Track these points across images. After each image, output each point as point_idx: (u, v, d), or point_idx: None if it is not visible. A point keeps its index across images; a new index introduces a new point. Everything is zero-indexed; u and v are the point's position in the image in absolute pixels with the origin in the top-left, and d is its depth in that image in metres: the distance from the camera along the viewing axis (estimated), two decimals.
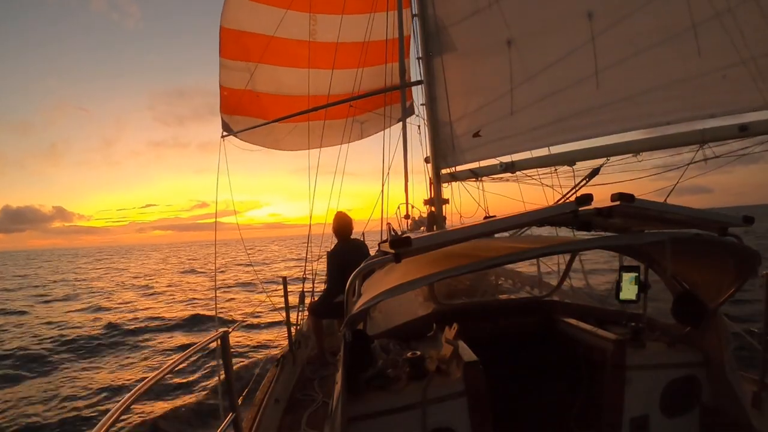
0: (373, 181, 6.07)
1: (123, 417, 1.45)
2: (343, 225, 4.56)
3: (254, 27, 6.51)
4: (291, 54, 6.83)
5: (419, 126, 7.50)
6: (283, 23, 6.47)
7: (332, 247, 4.65)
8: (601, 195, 1.70)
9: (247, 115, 6.78)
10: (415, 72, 5.99)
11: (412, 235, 1.67)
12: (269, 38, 6.53)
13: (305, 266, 5.87)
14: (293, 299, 5.00)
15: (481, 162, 5.04)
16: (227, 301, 16.84)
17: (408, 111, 7.08)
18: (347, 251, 4.35)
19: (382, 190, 5.98)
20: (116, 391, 7.62)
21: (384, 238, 4.65)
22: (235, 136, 6.71)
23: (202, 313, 14.29)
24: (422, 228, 7.12)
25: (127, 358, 9.92)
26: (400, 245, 1.55)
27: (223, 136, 6.56)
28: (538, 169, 4.60)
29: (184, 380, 7.60)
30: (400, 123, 6.86)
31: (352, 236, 4.62)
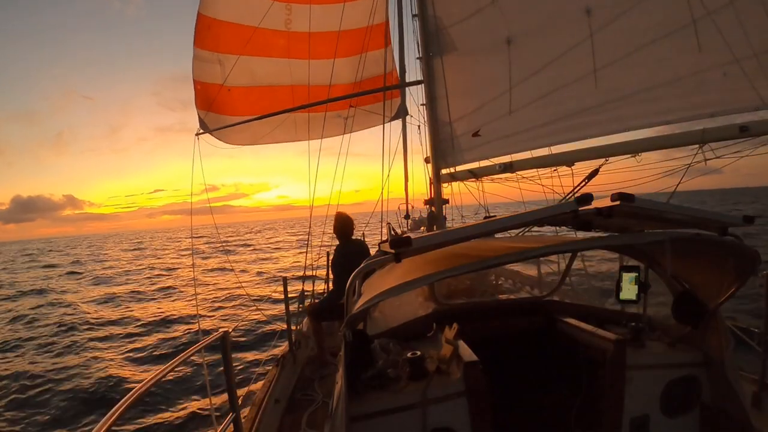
0: (377, 163, 6.01)
1: (123, 417, 1.45)
2: (344, 225, 4.57)
3: (227, 15, 6.41)
4: (266, 44, 6.69)
5: (419, 126, 7.49)
6: (256, 12, 6.35)
7: (334, 249, 4.66)
8: (602, 194, 1.70)
9: (221, 112, 6.68)
10: (415, 73, 5.99)
11: (412, 235, 1.67)
12: (244, 27, 6.42)
13: (305, 266, 5.86)
14: (293, 296, 5.00)
15: (480, 162, 5.04)
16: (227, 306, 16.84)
17: (401, 112, 7.05)
18: (348, 252, 4.36)
19: (382, 193, 5.98)
20: None
21: (384, 238, 4.65)
22: (211, 134, 6.63)
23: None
24: (422, 228, 7.13)
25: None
26: (400, 245, 1.55)
27: (197, 134, 6.46)
28: (538, 170, 4.60)
29: (185, 380, 7.59)
30: (393, 121, 6.84)
31: (354, 236, 4.64)
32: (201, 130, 6.54)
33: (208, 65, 6.49)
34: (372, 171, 5.99)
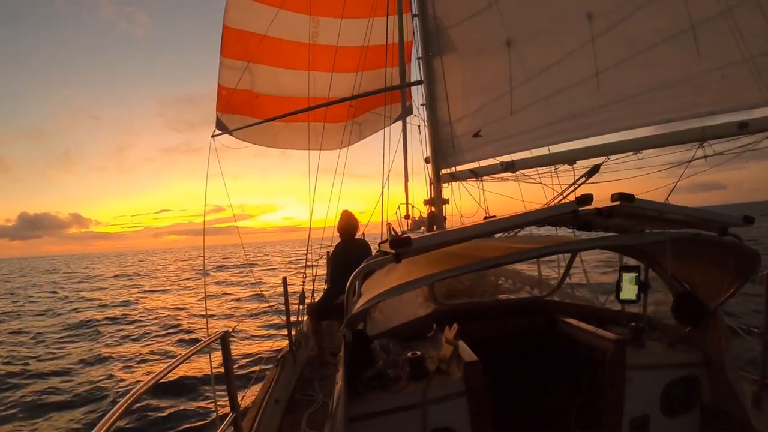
0: (377, 184, 6.10)
1: (123, 418, 1.45)
2: (347, 224, 4.55)
3: (256, 27, 6.50)
4: (292, 56, 6.82)
5: (419, 126, 7.50)
6: (284, 25, 6.46)
7: (334, 247, 4.65)
8: (602, 194, 1.70)
9: (245, 114, 6.75)
10: (415, 73, 6.01)
11: (412, 235, 1.67)
12: (270, 39, 6.52)
13: (305, 266, 5.87)
14: (293, 300, 5.00)
15: (481, 162, 5.04)
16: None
17: (407, 110, 7.08)
18: (349, 252, 4.34)
19: (383, 192, 5.99)
20: None
21: (384, 238, 4.65)
22: (230, 134, 6.69)
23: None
24: (422, 228, 7.12)
25: None
26: (400, 245, 1.55)
27: (213, 135, 6.50)
28: (538, 169, 4.60)
29: (184, 380, 7.59)
30: (399, 123, 6.87)
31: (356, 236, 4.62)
32: (217, 132, 6.58)
33: (236, 72, 6.55)
34: (374, 192, 6.06)
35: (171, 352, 10.11)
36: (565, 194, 4.20)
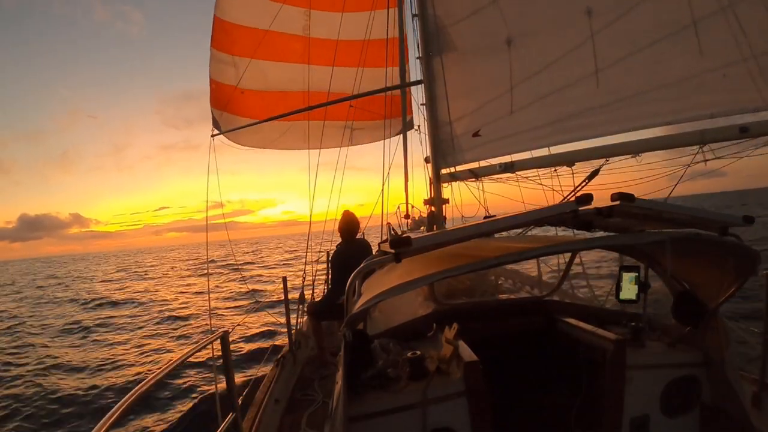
0: (377, 177, 6.08)
1: (123, 418, 1.45)
2: (348, 224, 4.54)
3: (246, 20, 6.43)
4: (283, 48, 6.72)
5: (419, 125, 7.50)
6: (275, 17, 6.37)
7: (335, 247, 4.64)
8: (602, 194, 1.70)
9: (234, 113, 6.72)
10: (416, 74, 6.00)
11: (412, 235, 1.67)
12: (260, 32, 6.42)
13: (305, 266, 5.87)
14: (293, 298, 5.00)
15: (481, 162, 5.04)
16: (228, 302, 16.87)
17: (408, 125, 7.06)
18: (350, 252, 4.34)
19: (382, 192, 5.98)
20: None
21: (384, 238, 4.64)
22: (225, 136, 6.68)
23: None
24: (422, 228, 7.12)
25: None
26: (400, 245, 1.55)
27: (213, 135, 6.50)
28: (538, 170, 4.60)
29: (185, 380, 7.59)
30: (400, 123, 6.85)
31: (357, 236, 4.62)
32: (215, 131, 6.56)
33: (224, 66, 6.50)
34: (375, 186, 6.05)
35: (163, 352, 10.12)
36: (567, 197, 4.20)
